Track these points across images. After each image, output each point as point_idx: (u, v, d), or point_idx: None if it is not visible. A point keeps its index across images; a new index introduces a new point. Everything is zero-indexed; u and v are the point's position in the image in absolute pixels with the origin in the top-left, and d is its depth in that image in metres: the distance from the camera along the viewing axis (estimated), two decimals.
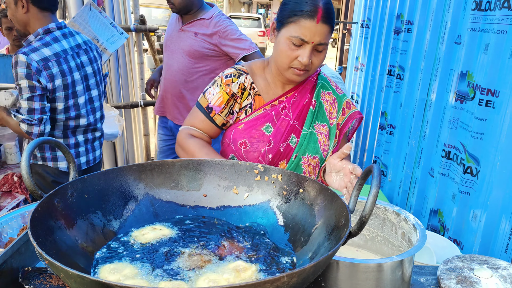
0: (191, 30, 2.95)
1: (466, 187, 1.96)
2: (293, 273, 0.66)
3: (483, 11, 1.87)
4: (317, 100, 1.64)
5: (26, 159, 0.88)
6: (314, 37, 1.42)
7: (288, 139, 1.60)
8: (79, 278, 0.64)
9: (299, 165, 1.61)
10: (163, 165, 1.15)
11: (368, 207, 0.79)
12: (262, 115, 1.59)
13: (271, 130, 1.58)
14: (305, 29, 1.41)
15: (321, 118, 1.64)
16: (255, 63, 1.67)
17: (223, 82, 1.58)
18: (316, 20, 1.40)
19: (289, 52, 1.45)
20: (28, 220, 0.79)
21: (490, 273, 1.24)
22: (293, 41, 1.44)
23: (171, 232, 1.05)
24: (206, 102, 1.59)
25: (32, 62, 2.06)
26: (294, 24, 1.43)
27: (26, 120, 2.09)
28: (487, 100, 1.82)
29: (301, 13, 1.42)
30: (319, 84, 1.66)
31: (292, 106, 1.61)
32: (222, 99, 1.57)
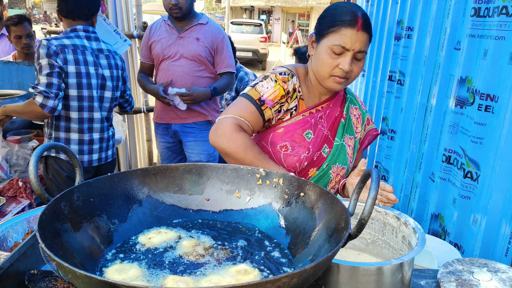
0: (191, 35, 3.00)
1: (466, 191, 1.97)
2: (293, 274, 0.68)
3: (482, 18, 1.90)
4: (347, 113, 1.70)
5: (34, 164, 0.90)
6: (354, 45, 1.47)
7: (321, 148, 1.63)
8: (86, 278, 0.66)
9: (328, 173, 1.64)
10: (166, 169, 1.17)
11: (367, 210, 0.81)
12: (302, 121, 1.61)
13: (311, 137, 1.61)
14: (346, 37, 1.46)
15: (349, 131, 1.70)
16: (300, 68, 1.68)
17: (278, 78, 1.56)
18: (356, 29, 1.46)
19: (330, 60, 1.49)
20: (36, 223, 0.81)
21: (489, 276, 1.25)
22: (334, 49, 1.48)
23: (176, 235, 1.07)
24: (258, 95, 1.53)
25: (51, 46, 2.34)
26: (335, 33, 1.48)
27: (44, 92, 2.28)
28: (486, 105, 1.84)
29: (342, 23, 1.47)
30: (348, 99, 1.72)
31: (327, 117, 1.65)
32: (277, 94, 1.54)
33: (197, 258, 0.98)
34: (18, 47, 3.60)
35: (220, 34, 3.05)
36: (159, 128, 3.29)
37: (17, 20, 3.50)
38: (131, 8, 4.12)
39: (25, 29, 3.53)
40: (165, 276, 0.89)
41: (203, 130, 3.17)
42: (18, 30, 3.51)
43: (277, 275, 0.70)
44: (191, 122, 3.15)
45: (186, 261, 0.96)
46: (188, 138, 3.20)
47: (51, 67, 2.31)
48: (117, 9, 3.92)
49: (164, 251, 1.00)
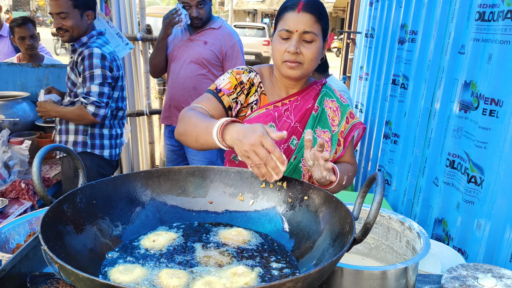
0: (200, 39, 3.01)
1: (470, 196, 1.96)
2: (298, 278, 0.67)
3: (487, 22, 1.89)
4: (319, 105, 1.68)
5: (37, 165, 0.90)
6: (297, 25, 1.49)
7: (289, 140, 1.62)
8: (89, 281, 0.66)
9: (298, 167, 1.63)
10: (169, 172, 1.17)
11: (372, 214, 0.80)
12: (264, 114, 1.62)
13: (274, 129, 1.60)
14: (288, 20, 1.50)
15: (322, 124, 1.68)
16: (264, 67, 1.74)
17: (233, 71, 1.64)
18: (297, 10, 1.50)
19: (278, 46, 1.53)
20: (39, 225, 0.80)
21: (494, 282, 1.24)
22: (281, 34, 1.52)
23: (177, 237, 1.07)
24: (214, 86, 1.62)
25: (106, 54, 2.43)
26: (280, 21, 1.54)
27: (96, 102, 2.40)
28: (490, 109, 1.83)
29: (285, 10, 1.53)
30: (323, 92, 1.70)
31: (294, 109, 1.65)
32: (230, 84, 1.60)
33: (198, 260, 0.97)
34: (22, 48, 3.62)
35: (230, 40, 3.05)
36: (166, 129, 3.32)
37: (20, 21, 3.51)
38: (135, 11, 4.12)
39: (29, 30, 3.55)
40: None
41: None
42: (22, 32, 3.53)
43: (281, 279, 0.69)
44: None
45: (186, 261, 0.95)
46: None
47: (104, 78, 2.41)
48: (121, 11, 3.92)
49: (166, 252, 0.99)
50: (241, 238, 1.06)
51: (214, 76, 3.06)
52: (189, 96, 3.04)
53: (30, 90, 3.39)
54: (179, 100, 3.06)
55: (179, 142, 3.26)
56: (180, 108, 3.08)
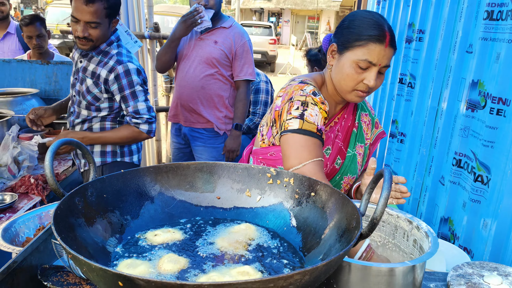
0: (210, 38, 3.01)
1: (476, 195, 1.96)
2: (305, 271, 0.69)
3: (495, 21, 1.89)
4: (358, 121, 1.67)
5: (49, 159, 0.92)
6: (382, 60, 1.43)
7: (334, 161, 1.61)
8: (101, 271, 0.67)
9: (339, 184, 1.62)
10: (178, 167, 1.18)
11: (379, 209, 0.81)
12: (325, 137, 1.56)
13: (329, 152, 1.58)
14: (374, 53, 1.42)
15: (360, 139, 1.68)
16: (317, 78, 1.62)
17: (317, 101, 1.48)
18: (385, 44, 1.42)
19: (355, 75, 1.45)
20: (52, 217, 0.82)
21: (500, 280, 1.25)
22: (361, 64, 1.43)
23: (184, 233, 1.08)
24: (314, 126, 1.43)
25: (140, 68, 2.32)
26: (362, 47, 1.43)
27: (149, 120, 2.33)
28: (498, 108, 1.82)
29: (369, 37, 1.42)
30: (359, 106, 1.69)
31: (341, 128, 1.62)
32: (323, 119, 1.48)
33: (203, 255, 0.98)
34: (30, 47, 3.65)
35: (241, 40, 3.05)
36: (173, 127, 3.33)
37: (28, 20, 3.53)
38: (143, 9, 4.15)
39: (36, 29, 3.57)
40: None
41: (211, 136, 3.17)
42: (29, 31, 3.55)
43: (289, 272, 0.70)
44: (199, 128, 3.16)
45: (192, 258, 0.97)
46: (196, 143, 3.21)
47: (145, 92, 2.33)
48: (129, 10, 3.95)
49: (173, 248, 1.01)
50: (249, 233, 1.08)
51: (222, 76, 3.06)
52: (197, 95, 3.05)
53: (39, 86, 3.43)
54: (186, 99, 3.07)
55: (185, 140, 3.30)
56: (187, 107, 3.09)
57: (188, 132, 3.20)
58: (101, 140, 2.35)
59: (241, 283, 0.65)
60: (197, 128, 3.16)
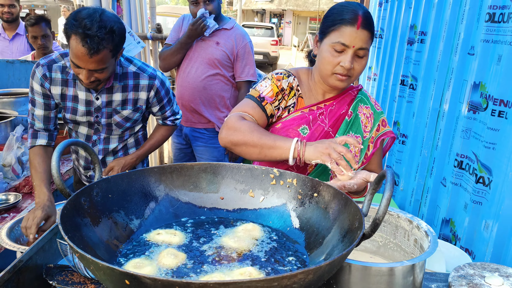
0: (212, 39, 3.03)
1: (478, 196, 1.97)
2: (309, 270, 0.70)
3: (497, 23, 1.89)
4: (353, 111, 1.71)
5: (56, 159, 0.93)
6: (354, 41, 1.50)
7: None
8: (108, 269, 0.68)
9: (326, 170, 1.66)
10: (182, 168, 1.20)
11: (382, 209, 0.82)
12: (299, 117, 1.65)
13: (306, 132, 1.64)
14: (345, 35, 1.50)
15: (355, 129, 1.70)
16: (301, 70, 1.76)
17: (273, 77, 1.66)
18: (356, 26, 1.49)
19: (331, 58, 1.54)
20: (58, 216, 0.83)
21: (501, 281, 1.25)
22: (335, 47, 1.52)
23: (188, 234, 1.09)
24: (257, 93, 1.64)
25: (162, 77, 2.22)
26: (335, 31, 1.52)
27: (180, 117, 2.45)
28: (499, 110, 1.83)
29: (342, 21, 1.51)
30: (358, 98, 1.73)
31: (329, 114, 1.67)
32: (272, 92, 1.63)
33: (207, 255, 0.99)
34: (35, 47, 3.67)
35: (242, 41, 3.07)
36: None
37: (33, 21, 3.56)
38: (146, 10, 4.17)
39: (41, 30, 3.60)
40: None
41: (213, 137, 3.19)
42: (34, 31, 3.58)
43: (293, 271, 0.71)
44: (200, 128, 3.18)
45: (195, 258, 0.98)
46: (197, 143, 3.23)
47: (173, 95, 2.36)
48: (132, 10, 3.97)
49: (177, 248, 1.02)
50: (253, 233, 1.09)
51: (224, 77, 3.08)
52: (199, 96, 3.06)
53: None
54: (188, 99, 3.09)
55: (186, 141, 3.32)
56: (189, 108, 3.11)
57: (189, 132, 3.22)
58: (150, 151, 2.39)
59: (245, 282, 0.66)
60: (198, 128, 3.18)
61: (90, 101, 2.08)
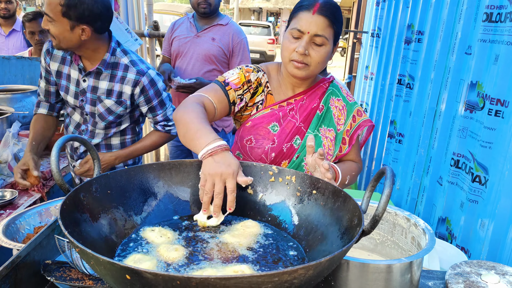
0: (207, 35, 3.04)
1: (474, 195, 1.98)
2: (309, 266, 0.70)
3: (494, 23, 1.90)
4: (325, 105, 1.69)
5: (55, 155, 0.93)
6: (309, 27, 1.49)
7: (292, 140, 1.64)
8: (109, 264, 0.68)
9: (300, 166, 1.65)
10: (181, 164, 1.20)
11: (381, 206, 0.82)
12: (269, 114, 1.64)
13: (277, 129, 1.63)
14: (301, 20, 1.50)
15: (327, 122, 1.69)
16: (271, 65, 1.74)
17: (243, 68, 1.65)
18: (312, 12, 1.49)
19: (288, 44, 1.54)
20: (58, 212, 0.83)
21: (497, 279, 1.26)
22: (293, 33, 1.52)
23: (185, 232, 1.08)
24: (223, 78, 1.63)
25: (158, 72, 2.24)
26: (294, 19, 1.54)
27: (173, 125, 2.29)
28: (496, 110, 1.84)
29: (300, 8, 1.52)
30: (329, 91, 1.72)
31: (299, 109, 1.66)
32: (239, 80, 1.62)
33: (206, 251, 0.99)
34: (32, 42, 3.66)
35: (238, 37, 3.07)
36: None
37: (31, 16, 3.55)
38: (143, 7, 4.15)
39: (39, 25, 3.58)
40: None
41: None
42: (32, 26, 3.56)
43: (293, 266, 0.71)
44: None
45: (195, 254, 0.98)
46: None
47: (170, 98, 2.29)
48: (129, 8, 3.96)
49: (175, 244, 1.02)
50: (252, 230, 1.09)
51: (220, 72, 3.09)
52: None
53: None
54: (185, 95, 3.09)
55: None
56: None
57: None
58: (134, 155, 2.30)
59: (246, 277, 0.66)
60: None
61: (79, 82, 2.14)
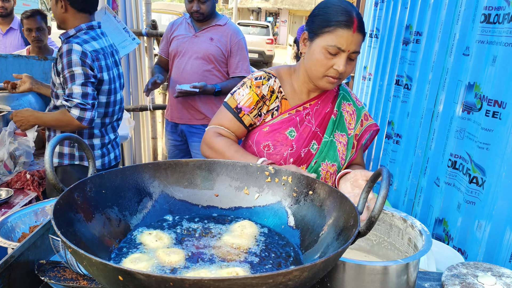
0: (206, 35, 3.04)
1: (471, 196, 1.98)
2: (304, 267, 0.69)
3: (492, 24, 1.90)
4: (338, 109, 1.70)
5: (49, 154, 0.92)
6: (350, 46, 1.47)
7: (309, 145, 1.63)
8: (102, 265, 0.68)
9: (317, 171, 1.65)
10: (177, 164, 1.19)
11: (378, 208, 0.82)
12: (287, 119, 1.63)
13: (294, 134, 1.62)
14: (342, 38, 1.46)
15: (341, 127, 1.70)
16: (283, 69, 1.71)
17: (253, 84, 1.61)
18: (352, 30, 1.46)
19: (325, 61, 1.50)
20: (51, 212, 0.82)
21: (494, 280, 1.26)
22: (330, 50, 1.48)
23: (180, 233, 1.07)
24: (235, 103, 1.61)
25: (87, 52, 2.16)
26: (330, 33, 1.47)
27: (80, 105, 2.10)
28: (494, 111, 1.84)
29: (337, 23, 1.46)
30: (341, 95, 1.72)
31: (315, 113, 1.65)
32: (251, 100, 1.59)
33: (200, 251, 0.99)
34: (29, 39, 3.65)
35: (236, 37, 3.07)
36: (168, 125, 3.34)
37: (29, 13, 3.55)
38: (141, 6, 4.14)
39: (36, 22, 3.57)
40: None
41: None
42: (29, 23, 3.56)
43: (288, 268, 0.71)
44: (197, 124, 3.17)
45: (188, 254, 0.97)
46: (193, 139, 3.22)
47: (86, 77, 2.14)
48: (127, 7, 3.95)
49: (170, 245, 1.01)
50: (247, 230, 1.08)
51: (219, 72, 3.08)
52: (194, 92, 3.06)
53: None
54: (184, 96, 3.08)
55: (181, 137, 3.31)
56: (186, 104, 3.10)
57: (185, 128, 3.21)
58: (42, 121, 2.26)
59: (240, 279, 0.65)
60: (195, 124, 3.18)
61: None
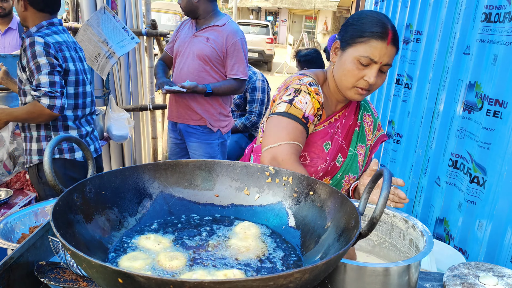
0: (203, 35, 3.03)
1: (472, 196, 1.97)
2: (305, 269, 0.69)
3: (492, 23, 1.90)
4: (360, 121, 1.67)
5: (48, 154, 0.91)
6: (383, 58, 1.43)
7: (336, 158, 1.61)
8: (101, 267, 0.67)
9: (340, 183, 1.64)
10: (177, 164, 1.18)
11: (379, 209, 0.81)
12: (323, 131, 1.57)
13: (329, 147, 1.58)
14: (375, 50, 1.42)
15: (362, 139, 1.68)
16: (319, 75, 1.63)
17: (311, 90, 1.50)
18: (387, 42, 1.43)
19: (356, 71, 1.45)
20: (50, 213, 0.82)
21: (495, 281, 1.26)
22: (362, 60, 1.44)
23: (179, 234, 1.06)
24: (301, 112, 1.45)
25: (49, 43, 2.19)
26: (363, 44, 1.43)
27: (49, 93, 2.12)
28: (494, 110, 1.84)
29: (372, 34, 1.43)
30: (362, 106, 1.69)
31: (342, 126, 1.62)
32: (313, 109, 1.49)
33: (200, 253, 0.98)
34: None
35: (232, 38, 3.04)
36: (169, 123, 3.36)
37: None
38: (140, 6, 4.14)
39: None
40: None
41: (205, 133, 3.18)
42: None
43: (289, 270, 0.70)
44: (193, 124, 3.17)
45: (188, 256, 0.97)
46: (191, 139, 3.22)
47: (52, 66, 2.17)
48: (126, 6, 3.94)
49: (170, 247, 1.00)
50: (248, 232, 1.08)
51: (216, 73, 3.07)
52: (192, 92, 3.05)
53: None
54: (183, 95, 3.08)
55: (181, 136, 3.30)
56: (182, 103, 3.10)
57: (183, 128, 3.22)
58: (13, 116, 2.26)
59: (241, 281, 0.65)
60: (192, 124, 3.17)
61: None
